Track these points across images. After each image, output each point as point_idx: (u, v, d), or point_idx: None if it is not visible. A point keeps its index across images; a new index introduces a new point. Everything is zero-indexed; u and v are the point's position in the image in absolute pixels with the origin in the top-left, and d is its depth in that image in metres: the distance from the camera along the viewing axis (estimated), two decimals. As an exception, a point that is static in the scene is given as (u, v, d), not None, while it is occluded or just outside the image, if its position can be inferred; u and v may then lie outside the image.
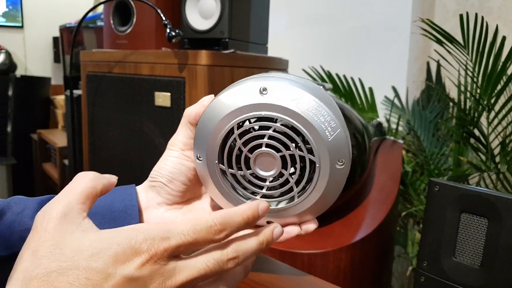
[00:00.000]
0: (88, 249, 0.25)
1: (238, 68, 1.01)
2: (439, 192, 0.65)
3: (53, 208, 0.27)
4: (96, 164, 1.27)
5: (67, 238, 0.26)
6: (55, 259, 0.25)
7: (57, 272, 0.24)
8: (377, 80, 1.45)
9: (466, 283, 0.62)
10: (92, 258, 0.25)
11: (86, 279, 0.24)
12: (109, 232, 0.26)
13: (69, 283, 0.24)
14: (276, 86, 0.31)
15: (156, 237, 0.26)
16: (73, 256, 0.25)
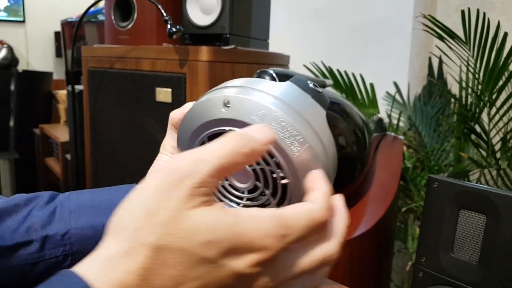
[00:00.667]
0: (205, 234, 0.24)
1: (239, 64, 1.01)
2: (438, 189, 0.65)
3: (183, 172, 0.24)
4: (98, 159, 1.28)
5: (189, 212, 0.24)
6: (171, 233, 0.23)
7: (169, 248, 0.23)
8: (379, 75, 1.44)
9: (464, 278, 0.63)
10: (206, 245, 0.24)
11: (195, 264, 0.23)
12: (232, 217, 0.24)
13: (179, 262, 0.23)
14: (239, 99, 0.29)
15: (275, 235, 0.24)
16: (188, 236, 0.23)
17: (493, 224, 0.59)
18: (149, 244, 0.23)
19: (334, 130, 0.86)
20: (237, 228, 0.24)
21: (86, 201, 0.38)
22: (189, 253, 0.23)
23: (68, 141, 1.99)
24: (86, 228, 0.36)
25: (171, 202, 0.24)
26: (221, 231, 0.24)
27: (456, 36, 1.00)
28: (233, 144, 0.25)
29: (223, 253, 0.24)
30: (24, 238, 0.34)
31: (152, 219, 0.23)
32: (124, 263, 0.22)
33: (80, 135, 1.36)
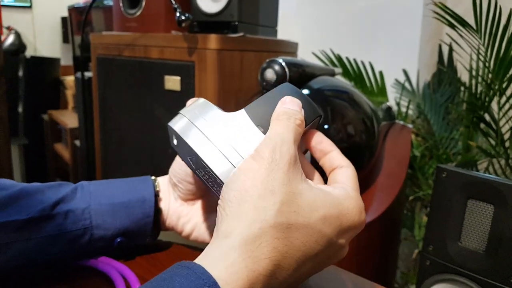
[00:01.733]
0: (322, 209, 0.25)
1: (247, 52, 1.01)
2: (446, 178, 0.65)
3: (284, 145, 0.26)
4: (108, 146, 1.29)
5: (299, 187, 0.25)
6: (294, 210, 0.24)
7: (295, 226, 0.24)
8: (388, 62, 1.43)
9: (470, 267, 0.63)
10: (324, 221, 0.25)
11: (315, 242, 0.25)
12: (333, 198, 0.27)
13: (302, 242, 0.24)
14: (180, 138, 0.32)
15: (362, 214, 0.29)
16: (309, 211, 0.25)
17: (501, 214, 0.60)
18: (276, 225, 0.23)
19: (343, 119, 0.87)
20: (342, 207, 0.27)
21: (104, 186, 0.40)
22: (311, 231, 0.25)
23: (76, 127, 2.00)
24: (104, 205, 0.38)
25: (281, 175, 0.25)
26: (333, 211, 0.26)
27: (467, 24, 0.98)
28: (288, 121, 0.28)
29: (336, 232, 0.26)
30: (50, 211, 0.35)
31: (273, 198, 0.24)
32: (253, 248, 0.23)
33: (89, 122, 1.37)
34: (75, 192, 0.38)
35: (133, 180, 0.41)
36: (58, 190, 0.38)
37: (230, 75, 0.98)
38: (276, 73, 0.75)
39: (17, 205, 0.35)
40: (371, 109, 0.92)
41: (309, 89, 0.81)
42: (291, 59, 0.78)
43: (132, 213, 0.38)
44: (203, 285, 0.21)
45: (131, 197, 0.39)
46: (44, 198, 0.36)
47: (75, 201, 0.37)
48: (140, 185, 0.40)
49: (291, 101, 0.30)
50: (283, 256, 0.23)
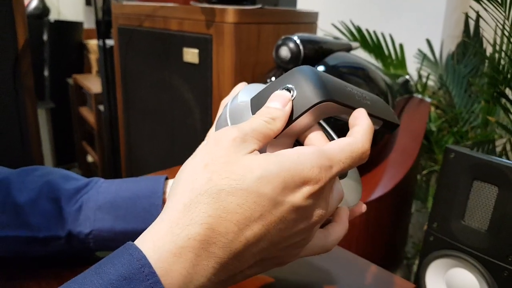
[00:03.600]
0: (257, 170, 0.24)
1: (265, 24, 1.01)
2: (454, 159, 0.67)
3: (229, 130, 0.27)
4: (130, 115, 1.34)
5: (239, 157, 0.25)
6: (226, 176, 0.24)
7: (227, 191, 0.24)
8: (411, 32, 1.40)
9: (472, 245, 0.66)
10: (261, 181, 0.24)
11: (254, 203, 0.24)
12: (276, 156, 0.26)
13: (237, 205, 0.24)
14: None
15: (322, 166, 0.26)
16: (243, 175, 0.24)
17: (504, 196, 0.61)
18: (206, 192, 0.24)
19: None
20: (285, 163, 0.25)
21: (111, 197, 0.41)
22: (246, 192, 0.24)
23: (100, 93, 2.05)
24: (106, 231, 0.40)
25: (221, 152, 0.25)
26: (272, 167, 0.25)
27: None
28: (258, 117, 0.28)
29: (279, 190, 0.24)
30: (54, 232, 0.39)
31: (205, 169, 0.25)
32: (189, 215, 0.23)
33: (112, 90, 1.41)
34: (80, 212, 0.40)
35: (140, 181, 0.42)
36: (65, 204, 0.40)
37: (247, 48, 0.99)
38: (290, 51, 0.76)
39: (23, 221, 0.38)
40: (387, 84, 0.92)
41: (325, 66, 0.82)
42: (306, 36, 0.78)
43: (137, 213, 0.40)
44: (131, 260, 0.22)
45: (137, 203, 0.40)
46: (52, 217, 0.39)
47: (78, 223, 0.39)
48: (148, 186, 0.42)
49: (274, 99, 0.29)
50: (217, 220, 0.23)
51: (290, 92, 0.31)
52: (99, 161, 2.23)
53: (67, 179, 0.41)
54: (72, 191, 0.40)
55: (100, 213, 0.40)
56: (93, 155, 2.40)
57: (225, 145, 0.26)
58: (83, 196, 0.40)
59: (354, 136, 0.29)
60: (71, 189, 0.40)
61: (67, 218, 0.39)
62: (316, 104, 0.30)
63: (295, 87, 0.31)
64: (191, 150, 0.89)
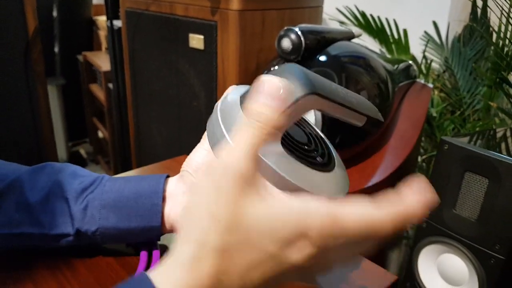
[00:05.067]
0: (264, 229, 0.25)
1: (269, 10, 1.02)
2: (447, 150, 0.69)
3: (231, 166, 0.26)
4: (138, 96, 1.37)
5: (246, 207, 0.25)
6: (234, 234, 0.25)
7: (235, 249, 0.25)
8: (418, 15, 1.40)
9: (462, 233, 0.69)
10: (266, 240, 0.25)
11: (259, 259, 0.25)
12: (280, 208, 0.26)
13: (244, 260, 0.25)
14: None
15: (325, 227, 0.25)
16: (249, 234, 0.25)
17: (494, 188, 0.64)
18: (215, 249, 0.25)
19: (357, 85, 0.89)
20: (291, 218, 0.25)
21: (114, 196, 0.43)
22: (252, 250, 0.25)
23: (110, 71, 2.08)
24: (111, 229, 0.43)
25: (224, 198, 0.25)
26: (277, 226, 0.25)
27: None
28: (248, 127, 0.27)
29: (281, 247, 0.25)
30: (64, 230, 0.42)
31: (213, 223, 0.25)
32: (196, 267, 0.25)
33: (120, 72, 1.44)
34: (86, 211, 0.42)
35: (143, 180, 0.44)
36: (73, 203, 0.42)
37: (252, 35, 1.00)
38: (292, 42, 0.77)
39: (36, 219, 0.42)
40: (387, 71, 0.93)
41: (326, 55, 0.84)
42: (308, 27, 0.80)
43: (139, 210, 0.42)
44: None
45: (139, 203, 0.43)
46: (61, 215, 0.42)
47: (85, 221, 0.42)
48: (150, 185, 0.44)
49: (263, 93, 0.27)
50: (223, 272, 0.25)
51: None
52: (109, 138, 2.28)
53: (75, 177, 0.44)
54: (79, 190, 0.43)
55: (104, 211, 0.42)
56: (103, 132, 2.45)
57: (226, 189, 0.25)
58: (89, 195, 0.43)
59: (383, 213, 0.26)
60: (78, 188, 0.43)
61: (75, 216, 0.42)
62: (302, 96, 0.30)
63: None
64: (196, 132, 0.96)
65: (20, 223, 0.42)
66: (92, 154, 2.77)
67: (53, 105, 2.55)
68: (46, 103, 1.13)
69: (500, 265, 0.65)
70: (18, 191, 0.42)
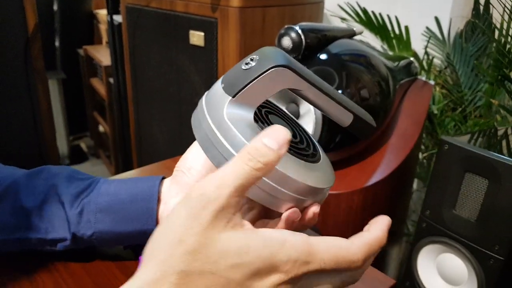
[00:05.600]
0: (232, 258, 0.25)
1: (270, 7, 1.02)
2: (448, 151, 0.69)
3: (214, 201, 0.26)
4: (139, 94, 1.37)
5: (216, 237, 0.25)
6: (199, 259, 0.25)
7: (198, 274, 0.25)
8: (421, 11, 1.39)
9: (462, 233, 0.69)
10: (234, 269, 0.25)
11: (222, 286, 0.25)
12: (255, 239, 0.26)
13: (206, 286, 0.25)
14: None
15: (298, 260, 0.26)
16: (216, 261, 0.25)
17: (494, 189, 0.64)
18: (178, 272, 0.25)
19: (358, 84, 0.89)
20: (263, 252, 0.25)
21: (109, 199, 0.43)
22: (217, 277, 0.25)
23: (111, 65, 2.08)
24: (107, 233, 0.42)
25: (198, 228, 0.25)
26: (247, 256, 0.25)
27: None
28: (246, 163, 0.26)
29: (249, 276, 0.25)
30: (60, 235, 0.42)
31: (181, 247, 0.25)
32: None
33: (121, 67, 1.44)
34: (81, 215, 0.42)
35: (139, 181, 0.44)
36: (68, 208, 0.42)
37: (252, 31, 1.00)
38: (292, 41, 0.77)
39: (32, 224, 0.42)
40: (388, 69, 0.93)
41: (327, 54, 0.83)
42: (308, 25, 0.79)
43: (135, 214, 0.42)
44: None
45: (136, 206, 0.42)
46: (58, 219, 0.42)
47: (81, 226, 0.42)
48: (146, 187, 0.43)
49: (271, 135, 0.27)
50: None
51: (252, 61, 0.31)
52: (110, 132, 2.28)
53: (71, 181, 0.44)
54: (74, 194, 0.43)
55: (100, 215, 0.42)
56: (104, 126, 2.46)
57: (203, 221, 0.25)
58: (84, 200, 0.43)
59: (352, 242, 0.28)
60: (73, 193, 0.43)
61: (71, 221, 0.42)
62: (272, 68, 0.30)
63: (258, 57, 0.31)
64: None
65: (16, 228, 0.42)
66: (93, 148, 2.78)
67: (53, 99, 2.56)
68: (47, 99, 1.13)
69: (499, 266, 0.65)
70: (14, 195, 0.42)
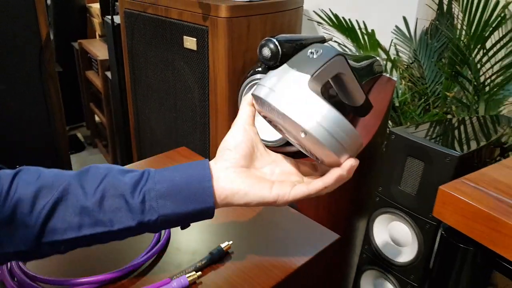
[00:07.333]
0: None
1: (253, 16, 1.17)
2: (394, 139, 0.87)
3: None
4: (138, 93, 1.52)
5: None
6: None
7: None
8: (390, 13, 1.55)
9: (405, 205, 0.87)
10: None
11: None
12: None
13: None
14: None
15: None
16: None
17: (428, 169, 0.82)
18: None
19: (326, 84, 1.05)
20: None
21: (168, 185, 0.45)
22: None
23: (107, 59, 2.20)
24: (171, 215, 0.45)
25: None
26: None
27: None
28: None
29: None
30: (126, 224, 0.44)
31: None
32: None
33: (120, 65, 1.58)
34: (144, 204, 0.44)
35: (189, 167, 0.48)
36: (130, 198, 0.45)
37: (239, 38, 1.16)
38: (271, 51, 0.93)
39: (96, 220, 0.44)
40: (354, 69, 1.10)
41: (300, 58, 1.00)
42: (284, 37, 0.95)
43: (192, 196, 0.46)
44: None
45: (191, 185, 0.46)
46: (123, 210, 0.45)
47: (145, 214, 0.45)
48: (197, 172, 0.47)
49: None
50: None
51: (316, 52, 0.45)
52: (107, 123, 2.42)
53: (123, 174, 0.46)
54: (132, 184, 0.45)
55: (162, 200, 0.44)
56: (100, 117, 2.59)
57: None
58: (143, 188, 0.45)
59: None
60: (131, 183, 0.45)
61: (134, 210, 0.44)
62: (337, 55, 0.44)
63: (321, 49, 0.45)
64: (191, 122, 1.21)
65: (81, 226, 0.44)
66: (89, 137, 2.91)
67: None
68: (58, 97, 1.28)
69: (433, 229, 0.84)
70: (71, 198, 0.44)
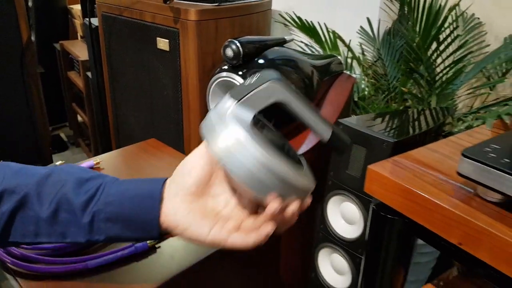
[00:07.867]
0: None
1: (221, 19, 1.27)
2: (343, 130, 0.98)
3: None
4: (116, 92, 1.61)
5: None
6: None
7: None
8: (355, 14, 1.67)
9: (352, 186, 0.98)
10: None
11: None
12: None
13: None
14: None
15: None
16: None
17: (369, 154, 0.93)
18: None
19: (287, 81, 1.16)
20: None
21: (117, 210, 0.46)
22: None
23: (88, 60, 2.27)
24: (118, 237, 0.48)
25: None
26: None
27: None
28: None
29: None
30: (76, 239, 0.47)
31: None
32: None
33: (99, 65, 1.67)
34: (92, 225, 0.46)
35: (143, 182, 0.49)
36: (79, 216, 0.46)
37: (207, 40, 1.26)
38: (233, 51, 1.03)
39: (51, 230, 0.47)
40: (314, 68, 1.21)
41: (264, 59, 1.10)
42: (245, 39, 1.05)
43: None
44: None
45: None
46: (75, 227, 0.47)
47: (94, 233, 0.47)
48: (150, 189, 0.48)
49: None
50: None
51: (254, 78, 0.45)
52: (89, 122, 2.50)
53: (80, 187, 0.47)
54: (84, 202, 0.47)
55: (110, 223, 0.46)
56: (83, 116, 2.66)
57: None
58: (93, 208, 0.46)
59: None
60: (84, 200, 0.47)
61: (84, 228, 0.47)
62: (269, 80, 0.44)
63: (259, 75, 0.46)
64: (166, 118, 1.35)
65: (37, 234, 0.47)
66: (72, 137, 2.97)
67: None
68: (40, 98, 1.37)
69: (377, 208, 0.95)
70: (29, 207, 0.47)
